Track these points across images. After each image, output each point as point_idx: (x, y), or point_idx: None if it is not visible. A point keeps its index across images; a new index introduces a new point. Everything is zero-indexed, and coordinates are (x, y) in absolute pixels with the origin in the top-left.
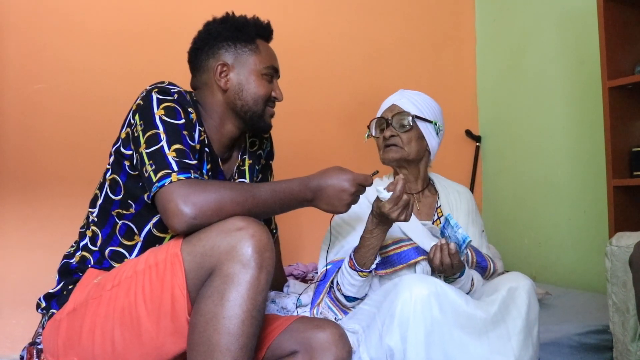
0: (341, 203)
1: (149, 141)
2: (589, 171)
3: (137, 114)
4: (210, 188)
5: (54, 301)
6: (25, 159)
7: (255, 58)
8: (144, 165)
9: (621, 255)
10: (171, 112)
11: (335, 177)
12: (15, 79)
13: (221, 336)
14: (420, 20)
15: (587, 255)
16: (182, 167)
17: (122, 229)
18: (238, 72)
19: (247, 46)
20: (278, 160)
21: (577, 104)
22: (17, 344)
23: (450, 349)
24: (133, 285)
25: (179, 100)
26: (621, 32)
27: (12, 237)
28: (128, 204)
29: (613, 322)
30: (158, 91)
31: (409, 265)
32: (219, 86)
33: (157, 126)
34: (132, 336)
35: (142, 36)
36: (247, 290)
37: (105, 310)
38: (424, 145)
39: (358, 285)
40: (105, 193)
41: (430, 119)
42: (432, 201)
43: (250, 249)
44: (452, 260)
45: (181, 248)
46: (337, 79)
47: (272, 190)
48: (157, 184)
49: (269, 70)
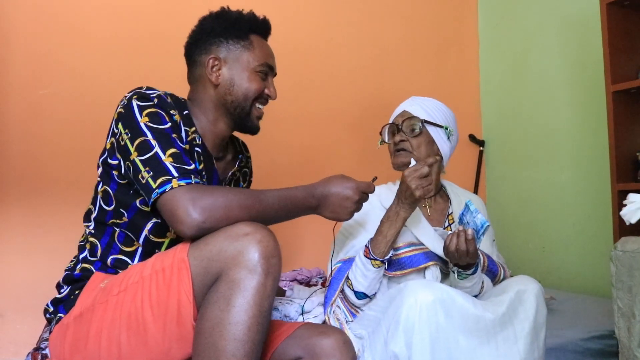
0: (345, 211)
1: (140, 149)
2: (593, 176)
3: (119, 122)
4: (217, 192)
5: (61, 306)
6: (30, 164)
7: (249, 54)
8: (139, 173)
9: (626, 260)
10: (155, 118)
11: (339, 185)
12: (20, 84)
13: (227, 342)
14: (423, 25)
15: (591, 259)
16: (181, 172)
17: (120, 237)
18: (229, 67)
19: (239, 42)
20: (281, 165)
21: (580, 108)
22: (21, 349)
23: (456, 355)
24: (140, 290)
25: (160, 104)
26: (624, 36)
27: (16, 242)
28: (120, 212)
29: (618, 327)
30: (137, 97)
31: (418, 270)
32: (211, 81)
33: (144, 133)
34: (139, 341)
35: (144, 42)
36: (253, 296)
37: (112, 315)
38: (434, 149)
39: (370, 278)
40: (99, 205)
41: (440, 123)
42: (443, 207)
43: (257, 255)
44: (468, 247)
45: (188, 253)
46: (340, 84)
47: (278, 196)
48: (157, 190)
49: (262, 67)
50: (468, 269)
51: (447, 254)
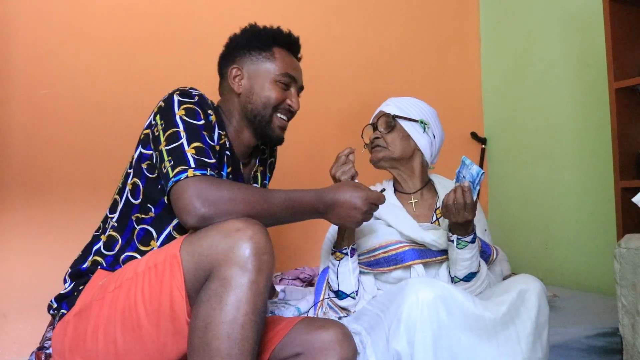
0: (352, 220)
1: (169, 139)
2: (595, 173)
3: (157, 114)
4: (224, 186)
5: (64, 302)
6: (31, 164)
7: (270, 64)
8: (163, 162)
9: (630, 257)
10: (191, 113)
11: (349, 193)
12: (21, 84)
13: (221, 341)
14: (424, 23)
15: (594, 257)
16: (199, 164)
17: (139, 235)
18: (250, 77)
19: (262, 53)
20: (278, 164)
21: (582, 105)
22: (24, 348)
23: (458, 352)
24: (133, 286)
25: (200, 102)
26: (627, 33)
27: (18, 242)
28: (147, 207)
29: (623, 324)
30: (180, 94)
31: (404, 267)
32: (234, 90)
33: (177, 124)
34: (134, 338)
35: (146, 42)
36: (245, 294)
37: (108, 312)
38: (410, 143)
39: (339, 272)
40: (126, 197)
41: (414, 117)
42: (431, 202)
43: (248, 251)
44: (465, 199)
45: (180, 248)
46: (340, 82)
47: (285, 197)
48: (173, 179)
49: (284, 78)
50: (467, 234)
51: (446, 212)
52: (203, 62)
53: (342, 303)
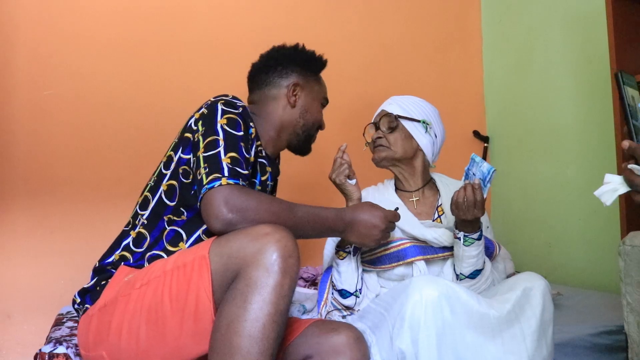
0: (371, 238)
1: (207, 146)
2: (598, 170)
3: (200, 121)
4: (252, 196)
5: (87, 296)
6: (35, 165)
7: (319, 87)
8: (199, 168)
9: (635, 254)
10: (232, 123)
11: (367, 212)
12: (25, 85)
13: (242, 339)
14: (425, 21)
15: (598, 254)
16: (232, 173)
17: (169, 235)
18: (307, 94)
19: (314, 75)
20: (284, 165)
21: (585, 103)
22: (27, 349)
23: (462, 351)
24: (161, 284)
25: (243, 114)
26: (630, 29)
27: (22, 243)
28: (180, 211)
29: (628, 322)
30: (224, 103)
31: (406, 263)
32: (289, 102)
33: (217, 132)
34: (157, 335)
35: (148, 44)
36: (270, 295)
37: (133, 308)
38: (413, 144)
39: (342, 271)
40: (159, 197)
41: (416, 117)
42: (433, 200)
43: (275, 255)
44: (475, 196)
45: (209, 250)
46: (342, 81)
47: (308, 212)
48: (206, 186)
49: (325, 101)
50: (474, 231)
51: (456, 209)
52: (205, 64)
53: (346, 302)
